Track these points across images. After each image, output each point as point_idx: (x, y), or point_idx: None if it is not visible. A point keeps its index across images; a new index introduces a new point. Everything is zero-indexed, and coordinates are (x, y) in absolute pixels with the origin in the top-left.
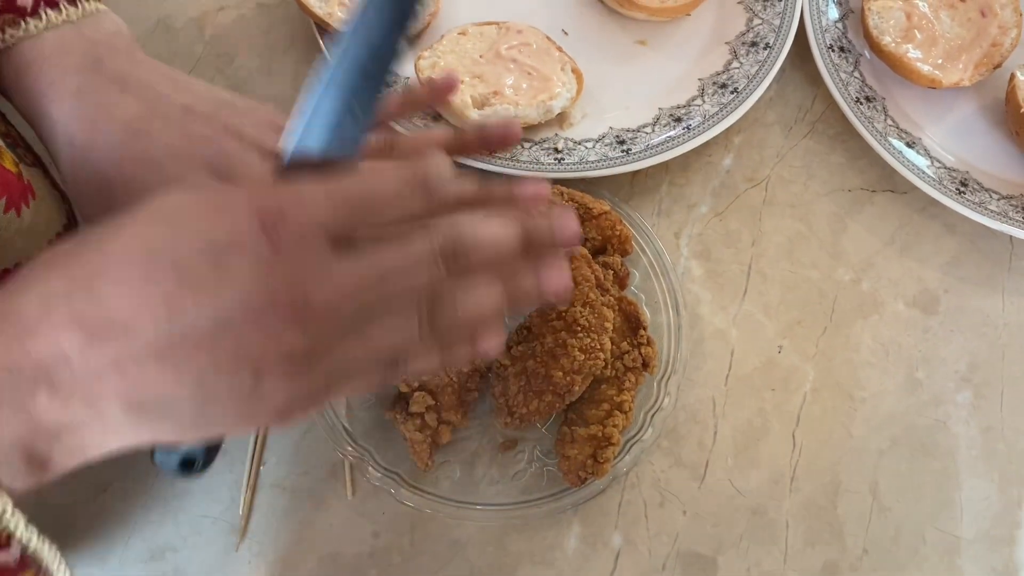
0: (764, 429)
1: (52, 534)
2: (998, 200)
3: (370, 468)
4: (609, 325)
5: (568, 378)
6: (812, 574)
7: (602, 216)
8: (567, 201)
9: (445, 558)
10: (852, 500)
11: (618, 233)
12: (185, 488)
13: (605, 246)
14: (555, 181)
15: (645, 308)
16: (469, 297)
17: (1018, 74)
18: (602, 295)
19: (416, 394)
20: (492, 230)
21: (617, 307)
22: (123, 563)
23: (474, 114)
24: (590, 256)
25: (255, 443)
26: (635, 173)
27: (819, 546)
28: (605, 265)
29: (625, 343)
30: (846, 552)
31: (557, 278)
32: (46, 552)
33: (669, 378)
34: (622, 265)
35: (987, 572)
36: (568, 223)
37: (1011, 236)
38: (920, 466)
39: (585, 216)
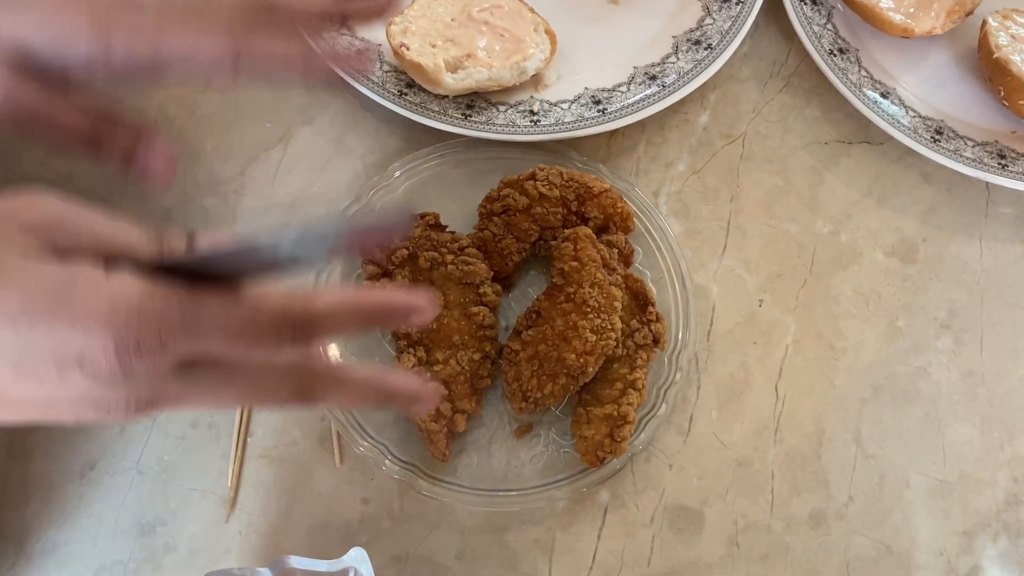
0: (747, 382)
1: (41, 513)
2: (973, 147)
3: (387, 462)
4: (618, 304)
5: (581, 359)
6: (799, 522)
7: (603, 194)
8: (568, 181)
9: (434, 521)
10: (836, 449)
11: (620, 210)
12: (173, 462)
13: (608, 224)
14: (536, 147)
15: (651, 284)
16: None
17: (990, 20)
18: (609, 274)
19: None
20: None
21: (624, 285)
22: (114, 539)
23: (448, 78)
24: (594, 236)
25: (241, 414)
26: (612, 133)
27: (805, 495)
28: (609, 244)
29: (634, 321)
30: (832, 500)
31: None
32: None
33: (680, 353)
34: (626, 243)
35: (970, 514)
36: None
37: (987, 183)
38: (902, 413)
39: (586, 195)
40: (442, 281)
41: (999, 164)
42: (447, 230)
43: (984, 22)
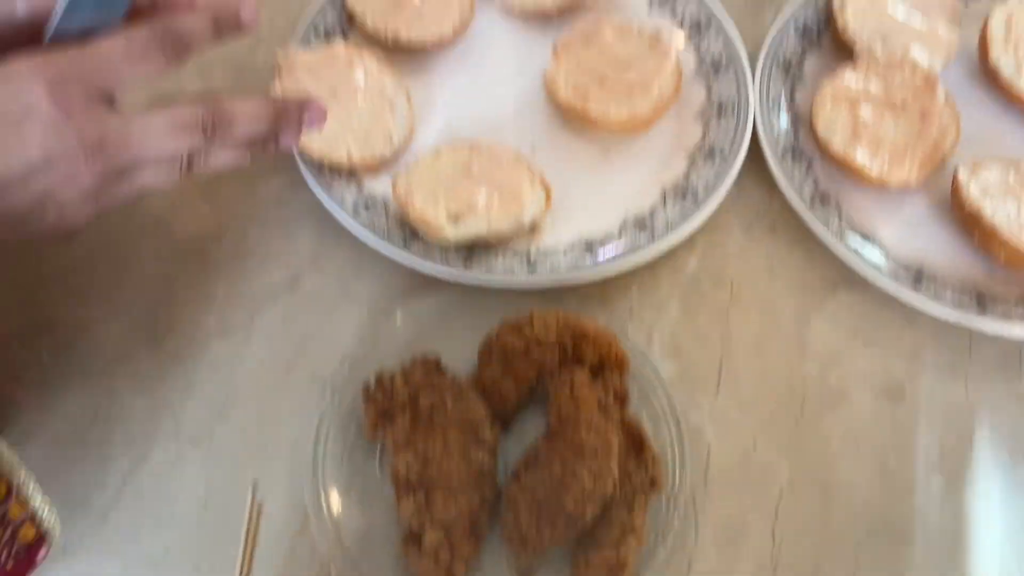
0: (744, 524)
1: None
2: (952, 291)
3: None
4: (615, 449)
5: (580, 505)
6: None
7: (598, 336)
8: (563, 324)
9: None
10: None
11: (614, 352)
12: None
13: (603, 365)
14: (533, 292)
15: (647, 425)
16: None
17: (960, 173)
18: (605, 416)
19: (428, 532)
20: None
21: (620, 427)
22: None
23: (450, 229)
24: (589, 377)
25: (243, 557)
26: (605, 278)
27: None
28: (604, 384)
29: (631, 463)
30: None
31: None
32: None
33: (678, 495)
34: (621, 383)
35: None
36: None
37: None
38: (899, 554)
39: (581, 337)
40: (442, 423)
41: (978, 307)
42: (447, 373)
43: (955, 174)
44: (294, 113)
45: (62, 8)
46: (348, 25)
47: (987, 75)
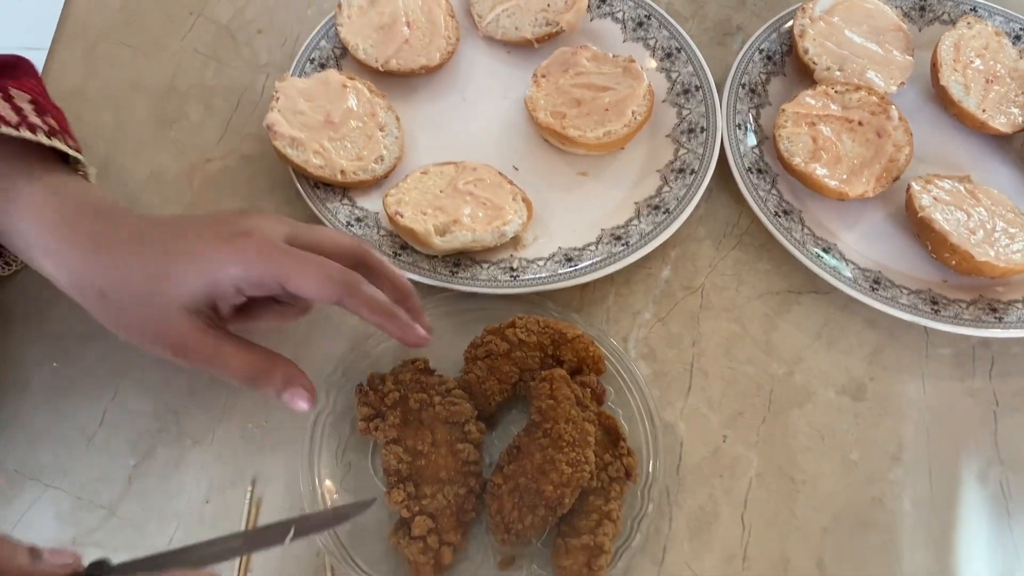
0: (715, 514)
1: None
2: (908, 295)
3: None
4: (591, 439)
5: (558, 491)
6: None
7: (576, 339)
8: (544, 328)
9: None
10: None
11: (591, 354)
12: None
13: (581, 367)
14: (516, 299)
15: (623, 421)
16: None
17: (913, 184)
18: (582, 411)
19: (417, 518)
20: None
21: (597, 422)
22: None
23: (437, 241)
24: (568, 377)
25: (240, 565)
26: (584, 286)
27: None
28: (582, 384)
29: (607, 455)
30: None
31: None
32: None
33: (651, 486)
34: (598, 383)
35: None
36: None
37: (925, 326)
38: (862, 541)
39: (561, 340)
40: (430, 420)
41: (932, 309)
42: (435, 373)
43: (909, 186)
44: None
45: None
46: (341, 54)
47: (938, 96)
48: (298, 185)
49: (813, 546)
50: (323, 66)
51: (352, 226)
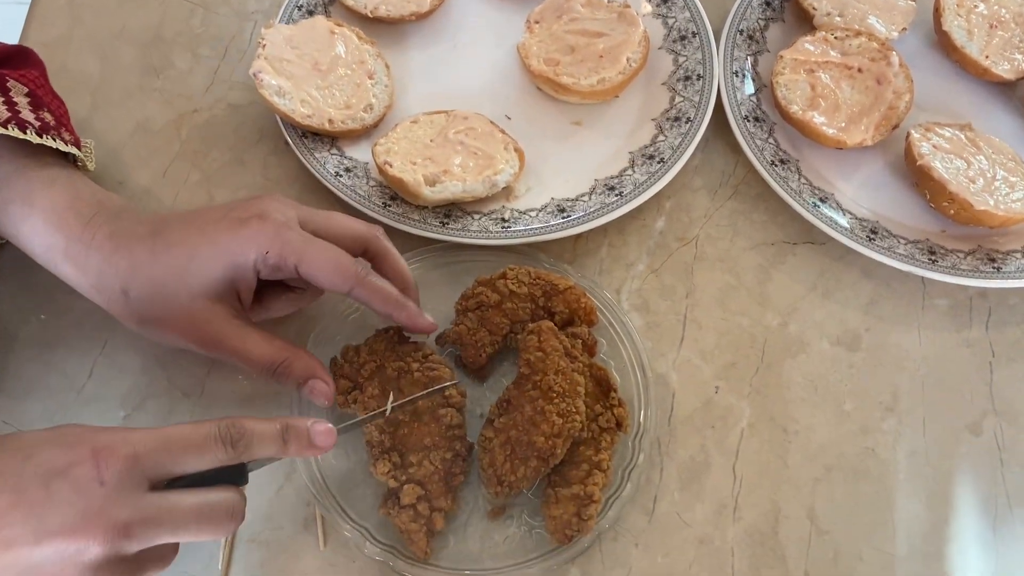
0: (706, 464)
1: None
2: (905, 244)
3: (368, 545)
4: (581, 389)
5: (550, 442)
6: None
7: (567, 291)
8: (535, 279)
9: None
10: (792, 526)
11: (583, 305)
12: None
13: (573, 318)
14: (508, 251)
15: (614, 373)
16: None
17: (913, 133)
18: (572, 363)
19: (405, 487)
20: None
21: (588, 373)
22: None
23: (427, 191)
24: (556, 328)
25: None
26: (577, 238)
27: (763, 570)
28: (573, 335)
29: (598, 406)
30: (789, 574)
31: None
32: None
33: (642, 436)
34: (589, 334)
35: None
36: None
37: (922, 277)
38: (853, 491)
39: (552, 292)
40: (409, 387)
41: (930, 259)
42: (410, 340)
43: (908, 134)
44: (303, 435)
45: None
46: (330, 1)
47: (941, 42)
48: (286, 135)
49: (805, 496)
50: (311, 13)
51: (341, 176)
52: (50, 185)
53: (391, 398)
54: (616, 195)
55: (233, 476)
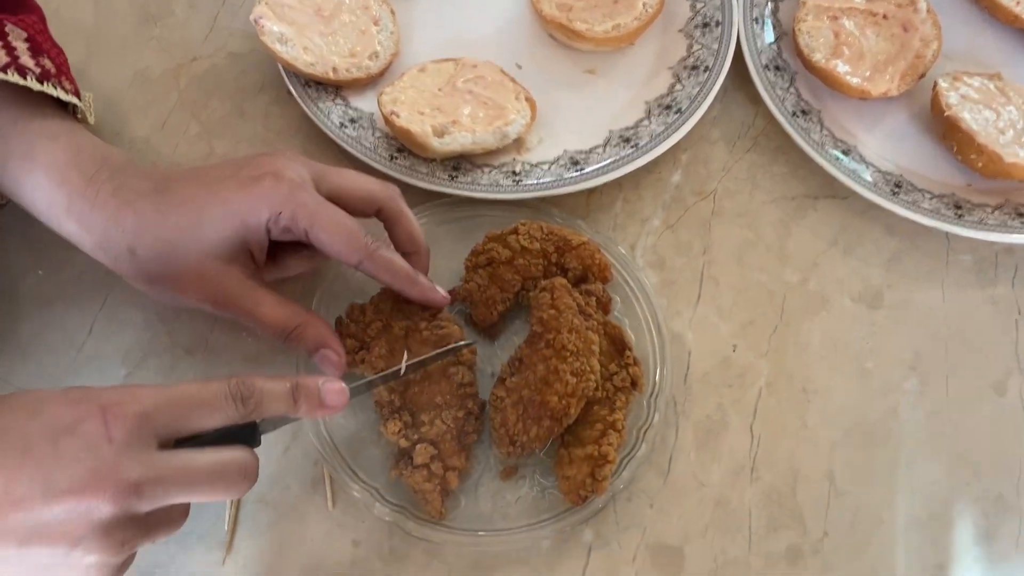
0: (723, 423)
1: None
2: (930, 199)
3: (378, 505)
4: (595, 348)
5: (563, 401)
6: (776, 558)
7: (581, 247)
8: (548, 235)
9: (423, 562)
10: (810, 487)
11: (597, 261)
12: None
13: (586, 275)
14: (519, 205)
15: (629, 331)
16: None
17: (940, 82)
18: (585, 320)
19: (418, 447)
20: None
21: (602, 331)
22: None
23: (435, 142)
24: (569, 285)
25: None
26: (591, 192)
27: (781, 531)
28: (587, 293)
29: (613, 365)
30: (807, 535)
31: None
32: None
33: (658, 395)
34: (604, 292)
35: (942, 549)
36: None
37: (946, 232)
38: (873, 452)
39: (565, 247)
40: (418, 346)
41: (956, 214)
42: None
43: (935, 84)
44: (314, 395)
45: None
46: None
47: None
48: (288, 84)
49: (823, 457)
50: None
51: (346, 127)
52: (52, 140)
53: (405, 357)
54: (631, 147)
55: (245, 437)
